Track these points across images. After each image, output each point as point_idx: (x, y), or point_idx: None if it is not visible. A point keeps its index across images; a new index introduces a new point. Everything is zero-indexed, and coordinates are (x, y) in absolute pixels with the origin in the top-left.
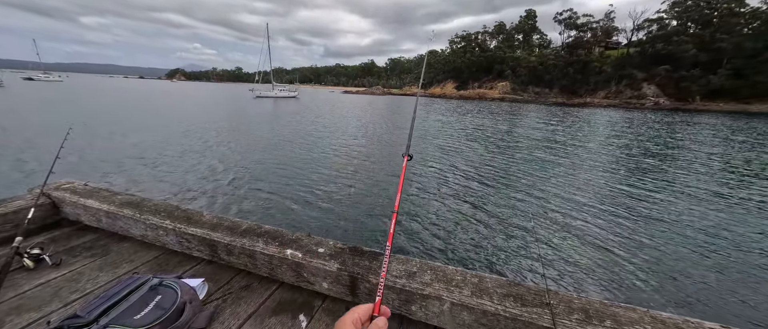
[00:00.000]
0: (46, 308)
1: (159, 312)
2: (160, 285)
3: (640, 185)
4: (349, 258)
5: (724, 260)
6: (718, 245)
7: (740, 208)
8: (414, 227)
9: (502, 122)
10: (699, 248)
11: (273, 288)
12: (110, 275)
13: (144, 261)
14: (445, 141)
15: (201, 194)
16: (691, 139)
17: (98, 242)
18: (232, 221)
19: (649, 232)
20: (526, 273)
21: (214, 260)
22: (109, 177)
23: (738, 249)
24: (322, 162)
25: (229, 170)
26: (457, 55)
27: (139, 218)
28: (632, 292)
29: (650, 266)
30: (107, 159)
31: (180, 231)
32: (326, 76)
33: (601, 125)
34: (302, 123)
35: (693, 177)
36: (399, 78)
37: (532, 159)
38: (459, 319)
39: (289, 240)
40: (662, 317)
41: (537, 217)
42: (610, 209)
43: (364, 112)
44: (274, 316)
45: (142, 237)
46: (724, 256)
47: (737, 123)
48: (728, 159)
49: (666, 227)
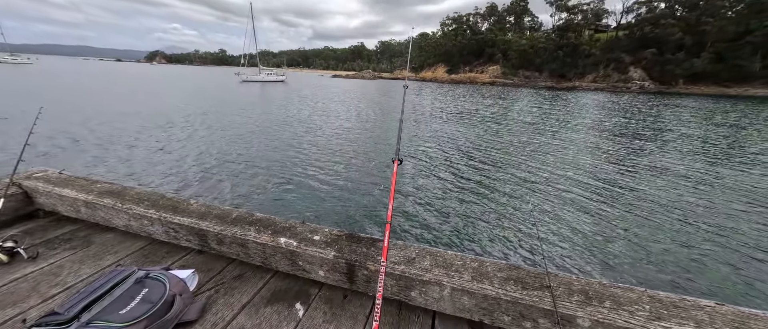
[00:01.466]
0: (24, 303)
1: (147, 305)
2: (146, 278)
3: (634, 166)
4: (346, 245)
5: (719, 238)
6: (712, 224)
7: (735, 188)
8: (412, 213)
9: (493, 105)
10: (694, 227)
11: (267, 277)
12: (93, 267)
13: (129, 253)
14: (439, 126)
15: (187, 183)
16: (678, 121)
17: (78, 233)
18: (222, 209)
19: (646, 212)
20: (526, 256)
21: (205, 250)
22: (87, 165)
23: (731, 228)
24: (314, 148)
25: (216, 157)
26: (449, 38)
27: (121, 207)
28: (631, 272)
29: (647, 245)
30: (85, 147)
31: (166, 221)
32: (315, 60)
33: (591, 108)
34: (292, 108)
35: (685, 159)
36: (389, 62)
37: (527, 143)
38: (459, 304)
39: (283, 228)
40: (660, 296)
41: (535, 199)
42: (606, 191)
43: (355, 96)
44: (270, 305)
45: (126, 228)
46: (719, 234)
47: (717, 106)
48: (713, 141)
49: (662, 207)
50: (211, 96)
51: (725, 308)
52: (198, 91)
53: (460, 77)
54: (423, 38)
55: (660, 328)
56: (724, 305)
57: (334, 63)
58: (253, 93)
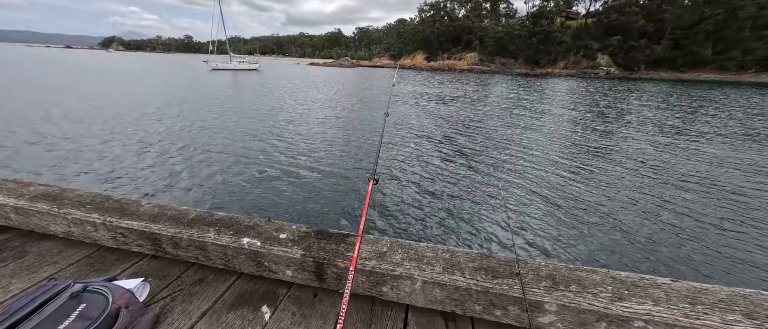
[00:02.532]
0: None
1: (84, 322)
2: (84, 291)
3: (599, 150)
4: (315, 243)
5: (672, 218)
6: (669, 202)
7: (690, 169)
8: (385, 205)
9: (472, 92)
10: (651, 208)
11: (231, 281)
12: (27, 281)
13: (71, 262)
14: (414, 115)
15: (141, 182)
16: (639, 105)
17: (10, 243)
18: (178, 209)
19: (610, 194)
20: (496, 243)
21: (159, 255)
22: (18, 167)
23: (683, 206)
24: (286, 142)
25: (175, 153)
26: (427, 25)
27: (59, 212)
28: (594, 254)
29: (612, 227)
30: (19, 146)
31: (112, 226)
32: (290, 47)
33: (560, 95)
34: (266, 100)
35: (643, 142)
36: (368, 49)
37: (499, 130)
38: (431, 296)
39: (246, 227)
40: (621, 276)
41: (505, 187)
42: (573, 176)
43: (333, 85)
44: (233, 311)
45: (67, 234)
46: (673, 214)
47: (674, 90)
48: (669, 122)
49: (625, 189)
50: (175, 86)
51: (680, 284)
52: (161, 80)
53: (438, 64)
54: (401, 25)
55: (621, 308)
56: (679, 281)
57: (310, 50)
58: (224, 83)
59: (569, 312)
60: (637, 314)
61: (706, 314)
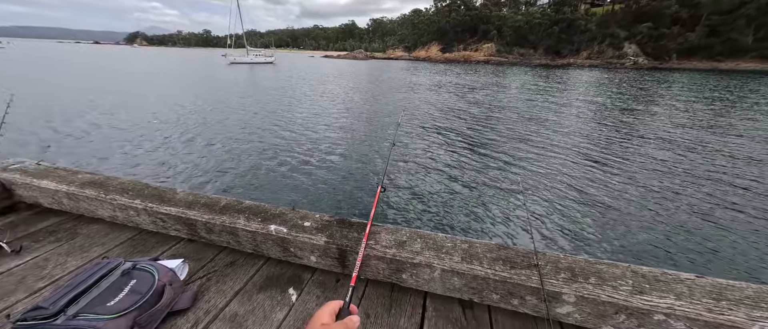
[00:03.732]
0: (11, 298)
1: (135, 296)
2: (133, 269)
3: (625, 144)
4: (337, 231)
5: (698, 214)
6: (693, 200)
7: (721, 165)
8: (404, 195)
9: (490, 83)
10: (677, 204)
11: (259, 264)
12: (80, 260)
13: (117, 243)
14: (432, 106)
15: (172, 171)
16: (671, 97)
17: (63, 225)
18: (209, 198)
19: (633, 190)
20: (515, 236)
21: (194, 239)
22: (64, 156)
23: (711, 203)
24: (304, 134)
25: (201, 144)
26: (442, 15)
27: (105, 198)
28: (617, 249)
29: (637, 223)
30: (64, 137)
31: (152, 211)
32: (304, 40)
33: (584, 86)
34: (282, 92)
35: (671, 136)
36: (382, 40)
37: (519, 122)
38: (449, 284)
39: (273, 215)
40: (643, 271)
41: (525, 180)
42: (595, 170)
43: (347, 78)
44: (262, 292)
45: (112, 219)
46: (698, 210)
47: (710, 81)
48: (703, 117)
49: (647, 186)
50: (199, 80)
51: (704, 280)
52: (185, 74)
53: (454, 56)
54: (416, 15)
55: (641, 301)
56: (704, 277)
57: (324, 43)
58: (242, 76)
59: (588, 304)
60: (658, 307)
61: (731, 310)
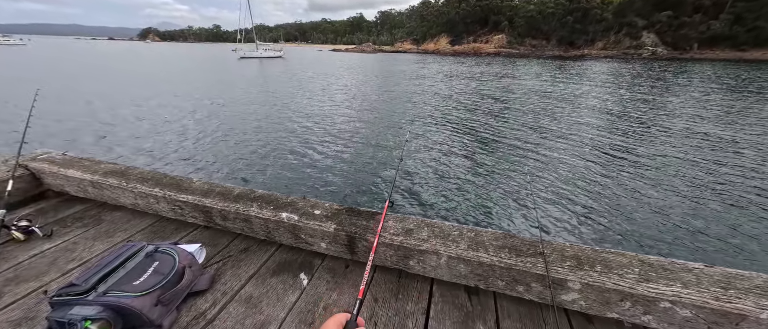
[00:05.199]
0: (45, 277)
1: (158, 277)
2: (156, 252)
3: (632, 135)
4: (346, 218)
5: (707, 204)
6: (703, 191)
7: (727, 156)
8: (412, 185)
9: (501, 76)
10: (685, 194)
11: (272, 250)
12: (106, 243)
13: (139, 229)
14: (440, 98)
15: (186, 162)
16: (691, 88)
17: (88, 212)
18: (224, 186)
19: (641, 181)
20: (522, 225)
21: (210, 226)
22: (88, 146)
23: (720, 194)
24: (313, 127)
25: (214, 136)
26: (452, 6)
27: (126, 186)
28: (624, 239)
29: (640, 213)
30: (84, 129)
31: (171, 199)
32: (312, 33)
33: (597, 78)
34: (291, 86)
35: (681, 128)
36: (390, 33)
37: (529, 114)
38: (455, 271)
39: (284, 204)
40: (650, 260)
41: (533, 170)
42: (603, 160)
43: (356, 71)
44: (275, 276)
45: (134, 206)
46: (707, 200)
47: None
48: (717, 109)
49: (652, 176)
50: (211, 74)
51: (713, 269)
52: (198, 69)
53: (463, 48)
54: (425, 6)
55: (647, 289)
56: (713, 266)
57: (332, 36)
58: (253, 70)
59: (593, 291)
60: (664, 295)
61: (739, 298)
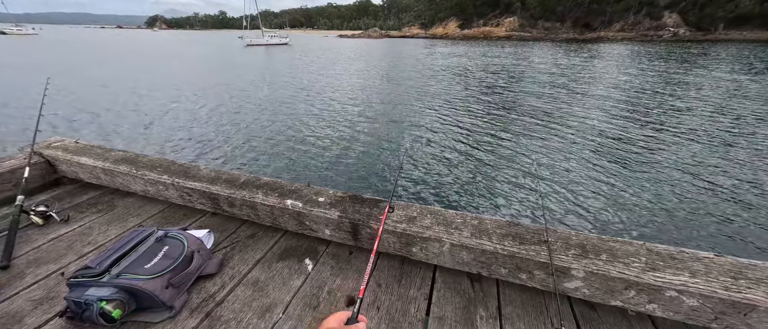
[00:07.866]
0: (63, 259)
1: (168, 260)
2: (166, 237)
3: (641, 124)
4: (350, 206)
5: (717, 192)
6: (712, 180)
7: (738, 146)
8: (417, 175)
9: (512, 61)
10: (695, 184)
11: (278, 236)
12: (120, 228)
13: (150, 215)
14: (446, 85)
15: (193, 149)
16: (713, 69)
17: (102, 198)
18: (230, 174)
19: (649, 170)
20: (526, 214)
21: (218, 212)
22: (100, 134)
23: (730, 182)
24: (317, 116)
25: (220, 124)
26: None
27: (137, 174)
28: (634, 228)
29: (649, 202)
30: (98, 117)
31: (179, 186)
32: (318, 19)
33: (612, 63)
34: (296, 75)
35: (692, 117)
36: (397, 18)
37: (539, 99)
38: (458, 258)
39: (289, 191)
40: (658, 249)
41: (539, 158)
42: (610, 148)
43: (363, 58)
44: (281, 261)
45: (144, 192)
46: (718, 189)
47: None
48: (726, 99)
49: (664, 165)
50: (219, 64)
51: (723, 259)
52: (205, 57)
53: (473, 32)
54: None
55: (654, 278)
56: (723, 256)
57: (338, 22)
58: (260, 60)
59: (597, 279)
60: (671, 284)
61: (749, 288)
